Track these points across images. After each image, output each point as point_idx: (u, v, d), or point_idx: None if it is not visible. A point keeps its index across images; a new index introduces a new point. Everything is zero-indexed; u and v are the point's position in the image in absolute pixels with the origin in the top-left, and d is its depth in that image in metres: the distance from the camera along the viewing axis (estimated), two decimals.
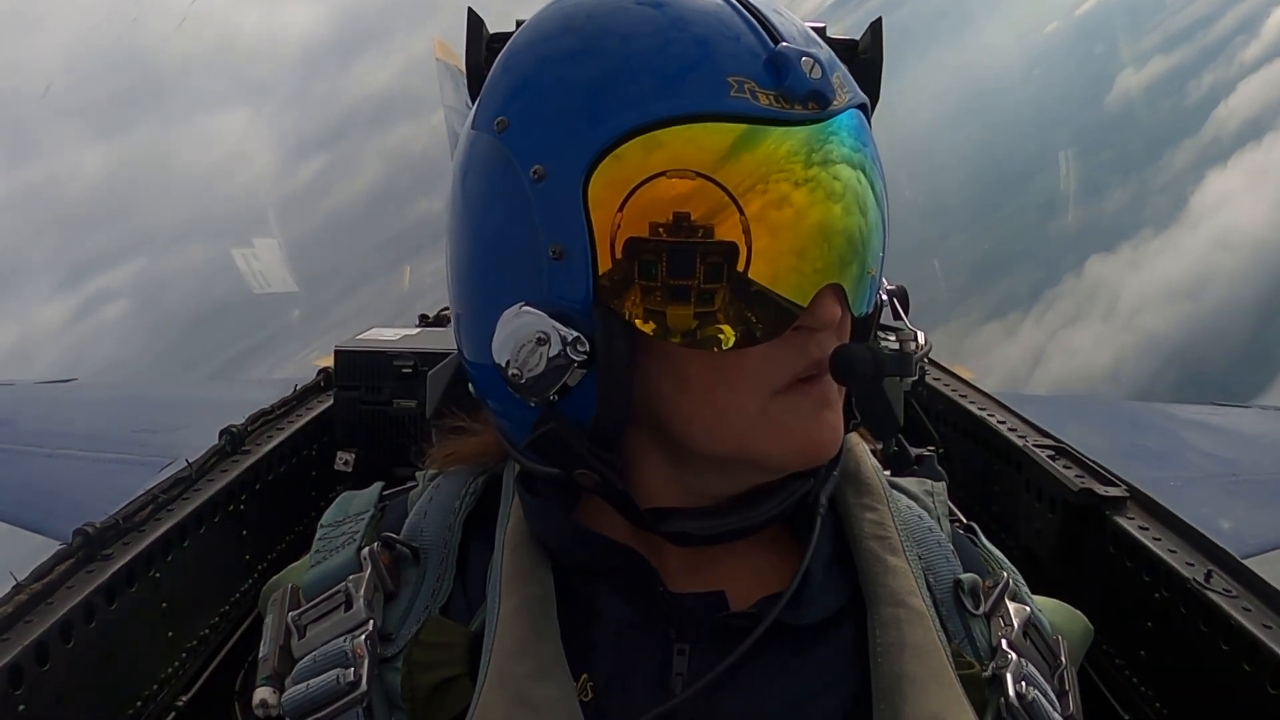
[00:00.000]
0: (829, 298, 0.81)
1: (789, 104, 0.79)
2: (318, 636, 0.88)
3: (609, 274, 0.79)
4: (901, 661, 0.86)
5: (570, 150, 0.79)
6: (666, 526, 0.87)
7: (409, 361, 2.41)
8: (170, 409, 3.67)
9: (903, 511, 0.98)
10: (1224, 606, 1.57)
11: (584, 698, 0.84)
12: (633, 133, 0.78)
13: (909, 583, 0.91)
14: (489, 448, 0.99)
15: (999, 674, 0.88)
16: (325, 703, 0.84)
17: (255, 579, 2.16)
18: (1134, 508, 1.94)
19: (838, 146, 0.81)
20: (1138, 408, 4.73)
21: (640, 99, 0.78)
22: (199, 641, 1.93)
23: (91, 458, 2.94)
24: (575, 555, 0.90)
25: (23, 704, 1.39)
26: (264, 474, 2.21)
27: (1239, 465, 3.07)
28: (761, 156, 0.78)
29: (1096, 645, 1.68)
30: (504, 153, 0.83)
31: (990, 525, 2.37)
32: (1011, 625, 0.91)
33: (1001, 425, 2.44)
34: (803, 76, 0.79)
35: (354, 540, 0.95)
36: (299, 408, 2.52)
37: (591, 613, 0.89)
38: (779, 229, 0.79)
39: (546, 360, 0.81)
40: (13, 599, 1.48)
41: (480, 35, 1.01)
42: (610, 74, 0.80)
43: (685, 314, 0.79)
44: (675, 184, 0.77)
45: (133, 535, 1.75)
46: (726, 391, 0.82)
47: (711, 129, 0.78)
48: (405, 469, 2.16)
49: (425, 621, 0.89)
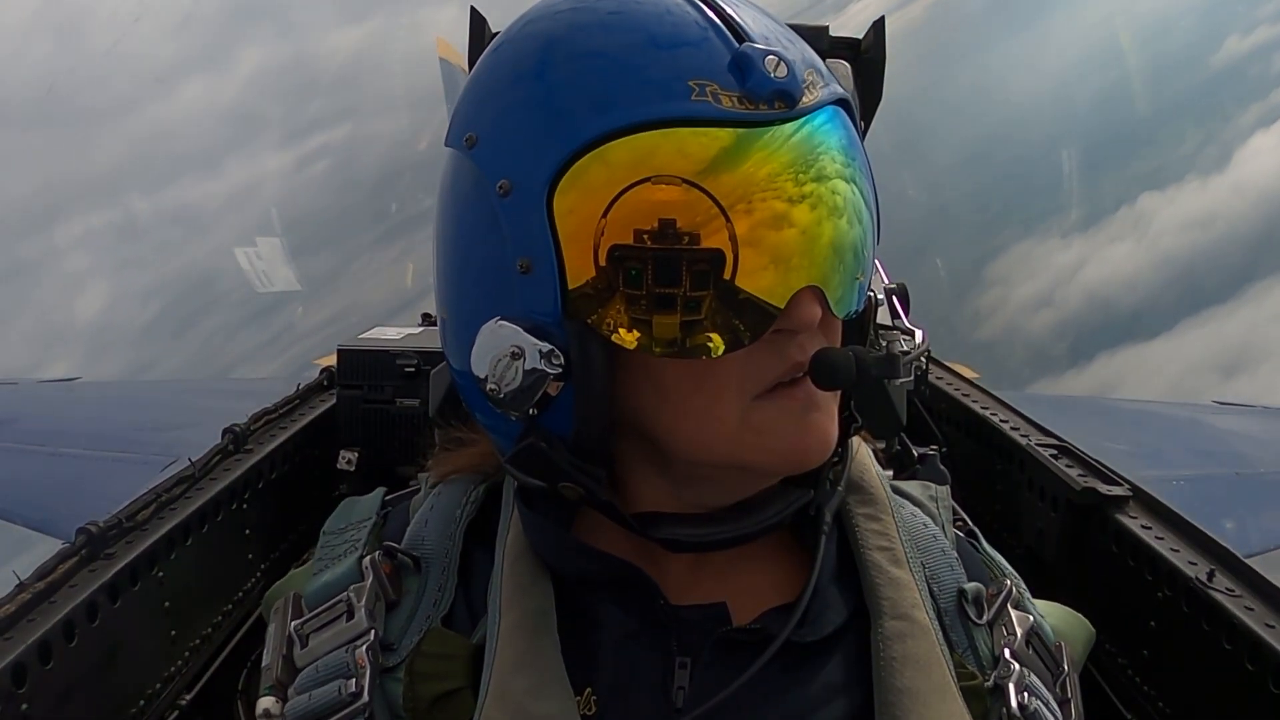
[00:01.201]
0: (807, 299, 0.80)
1: (753, 104, 0.78)
2: (320, 646, 0.88)
3: (578, 285, 0.79)
4: (904, 676, 0.85)
5: (533, 164, 0.79)
6: (658, 533, 0.87)
7: (412, 360, 2.40)
8: (171, 409, 3.68)
9: (907, 520, 0.98)
10: (1226, 606, 1.57)
11: (587, 711, 0.84)
12: (593, 144, 0.78)
13: (912, 595, 0.91)
14: (487, 458, 0.99)
15: (1001, 684, 0.88)
16: (327, 713, 0.85)
17: (258, 578, 2.16)
18: (1136, 507, 1.94)
19: (808, 145, 0.80)
20: (1139, 407, 4.73)
21: (600, 109, 0.78)
22: (202, 640, 1.93)
23: (94, 456, 2.94)
24: (574, 569, 0.90)
25: (25, 703, 1.39)
26: (267, 473, 2.21)
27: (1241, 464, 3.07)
28: (729, 158, 0.77)
29: (1099, 644, 1.68)
30: (473, 168, 0.83)
31: (993, 524, 2.37)
32: (1014, 634, 0.91)
33: (1004, 424, 2.44)
34: (765, 76, 0.78)
35: (356, 548, 0.95)
36: (301, 406, 2.52)
37: (593, 625, 0.88)
38: (750, 233, 0.78)
39: (522, 374, 0.80)
40: (15, 598, 1.48)
41: (483, 34, 1.01)
42: (570, 87, 0.80)
43: (663, 322, 0.78)
44: (640, 193, 0.77)
45: (135, 534, 1.75)
46: (706, 399, 0.82)
47: (672, 135, 0.77)
48: (408, 468, 2.17)
49: (427, 632, 0.89)
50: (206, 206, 20.50)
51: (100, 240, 20.22)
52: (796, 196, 0.79)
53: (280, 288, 16.47)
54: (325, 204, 20.83)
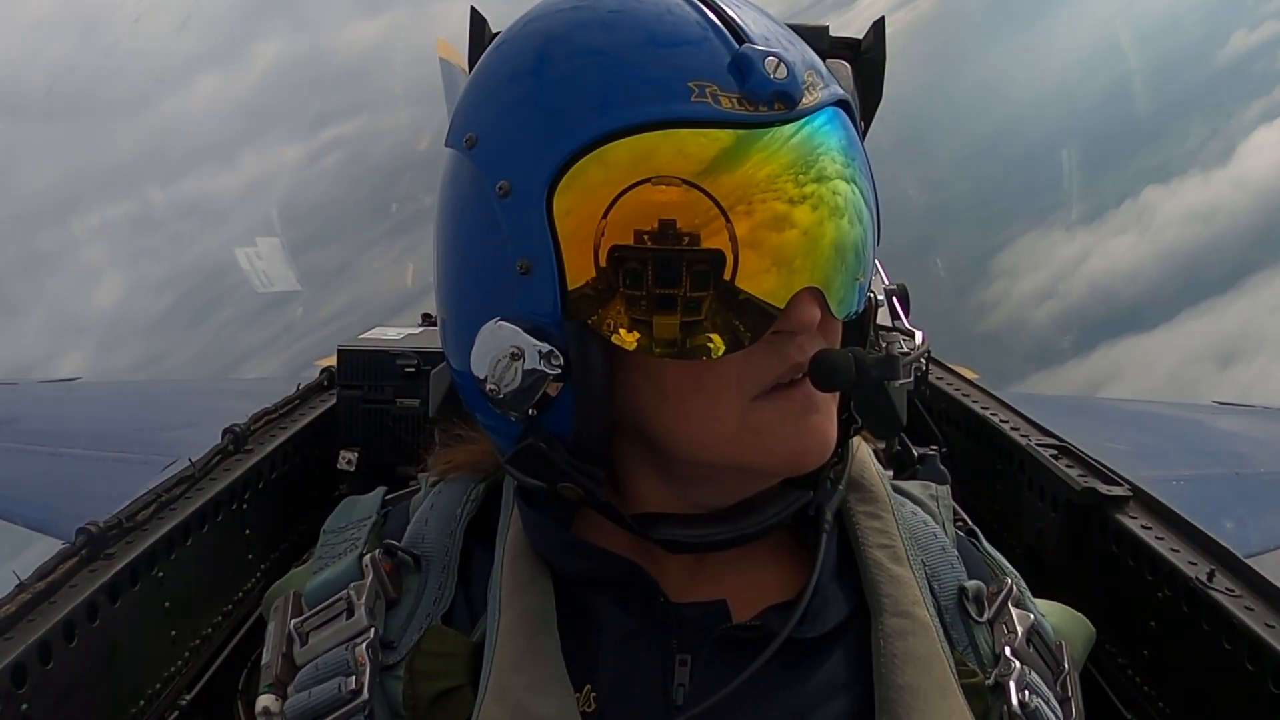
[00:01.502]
0: (807, 300, 0.80)
1: (753, 106, 0.78)
2: (320, 644, 0.89)
3: (578, 286, 0.79)
4: (904, 672, 0.85)
5: (532, 165, 0.79)
6: (657, 533, 0.87)
7: (412, 360, 2.41)
8: (171, 409, 3.68)
9: (907, 518, 0.98)
10: (1226, 606, 1.57)
11: (586, 708, 0.84)
12: (593, 144, 0.78)
13: (913, 592, 0.91)
14: (487, 456, 0.99)
15: (1002, 682, 0.88)
16: (327, 710, 0.84)
17: (258, 578, 2.16)
18: (1136, 507, 1.94)
19: (807, 146, 0.80)
20: (1139, 407, 4.73)
21: (599, 110, 0.78)
22: (202, 640, 1.93)
23: (94, 457, 2.94)
24: (574, 567, 0.90)
25: (25, 703, 1.39)
26: (267, 473, 2.21)
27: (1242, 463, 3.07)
28: (729, 159, 0.77)
29: (1099, 644, 1.68)
30: (473, 169, 0.83)
31: (993, 525, 2.37)
32: (1015, 632, 0.91)
33: (1004, 424, 2.44)
34: (765, 78, 0.78)
35: (356, 547, 0.95)
36: (302, 407, 2.52)
37: (593, 623, 0.89)
38: (750, 234, 0.78)
39: (521, 374, 0.80)
40: (16, 598, 1.48)
41: (483, 34, 1.01)
42: (569, 87, 0.80)
43: (663, 323, 0.78)
44: (640, 194, 0.77)
45: (136, 534, 1.75)
46: (705, 399, 0.82)
47: (672, 135, 0.77)
48: (408, 468, 2.17)
49: (427, 630, 0.89)
50: (221, 199, 20.70)
51: (116, 232, 20.47)
52: (797, 197, 0.79)
53: (280, 288, 16.49)
54: (338, 195, 21.13)
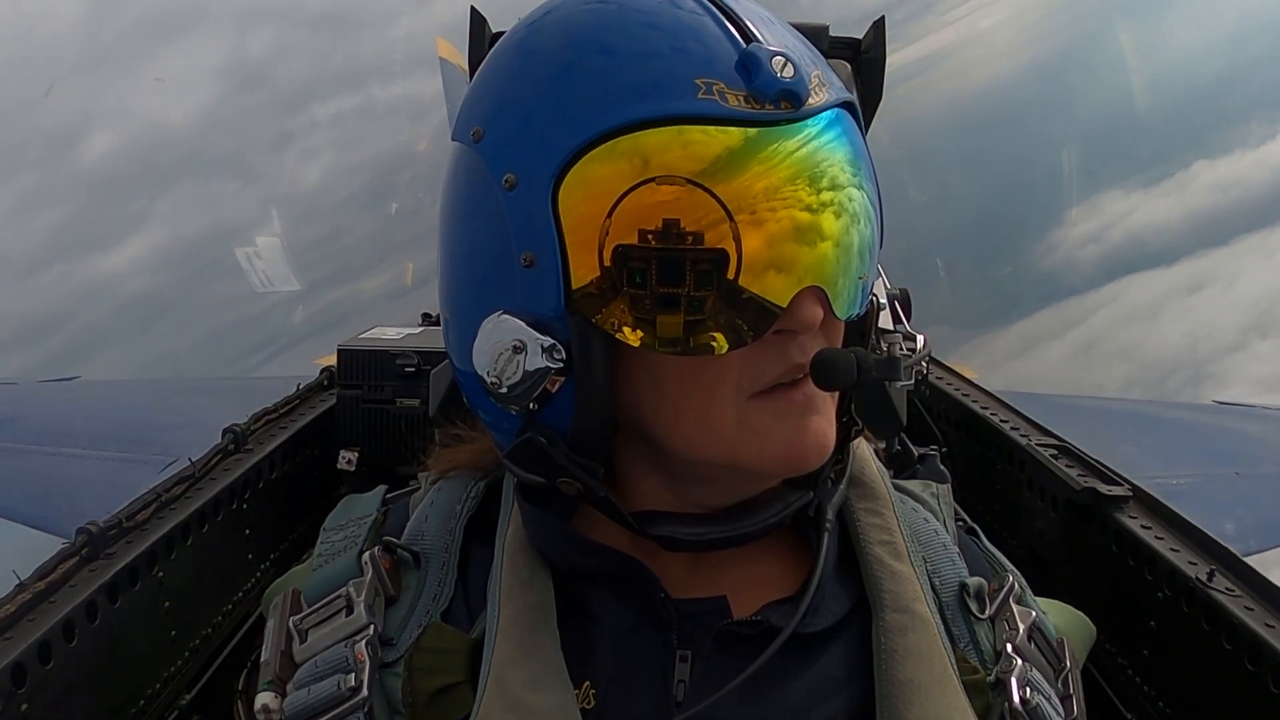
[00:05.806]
0: (809, 300, 0.80)
1: (759, 104, 0.78)
2: (319, 641, 0.88)
3: (581, 283, 0.79)
4: (905, 668, 0.85)
5: (538, 159, 0.79)
6: (655, 530, 0.87)
7: (412, 360, 2.40)
8: (171, 409, 3.68)
9: (908, 515, 0.98)
10: (1226, 605, 1.57)
11: (586, 704, 0.84)
12: (599, 139, 0.78)
13: (914, 588, 0.91)
14: (487, 455, 0.99)
15: (1003, 679, 0.88)
16: (327, 708, 0.84)
17: (258, 578, 2.16)
18: (1137, 507, 1.94)
19: (814, 146, 0.80)
20: (1139, 408, 4.73)
21: (606, 105, 0.78)
22: (201, 640, 1.92)
23: (94, 456, 2.94)
24: (573, 563, 0.90)
25: (25, 703, 1.39)
26: (267, 473, 2.21)
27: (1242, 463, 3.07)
28: (734, 158, 0.77)
29: (1099, 644, 1.68)
30: (479, 163, 0.83)
31: (993, 524, 2.36)
32: (1017, 629, 0.91)
33: (1004, 424, 2.44)
34: (773, 76, 0.78)
35: (355, 544, 0.95)
36: (301, 406, 2.52)
37: (592, 619, 0.89)
38: (754, 233, 0.78)
39: (524, 368, 0.81)
40: (15, 598, 1.48)
41: (483, 34, 1.02)
42: (577, 82, 0.80)
43: (666, 321, 0.79)
44: (645, 194, 0.77)
45: (135, 534, 1.75)
46: (704, 397, 0.82)
47: (677, 132, 0.77)
48: (408, 468, 2.17)
49: (426, 627, 0.89)
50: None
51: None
52: (800, 197, 0.79)
53: (280, 288, 16.51)
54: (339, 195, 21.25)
